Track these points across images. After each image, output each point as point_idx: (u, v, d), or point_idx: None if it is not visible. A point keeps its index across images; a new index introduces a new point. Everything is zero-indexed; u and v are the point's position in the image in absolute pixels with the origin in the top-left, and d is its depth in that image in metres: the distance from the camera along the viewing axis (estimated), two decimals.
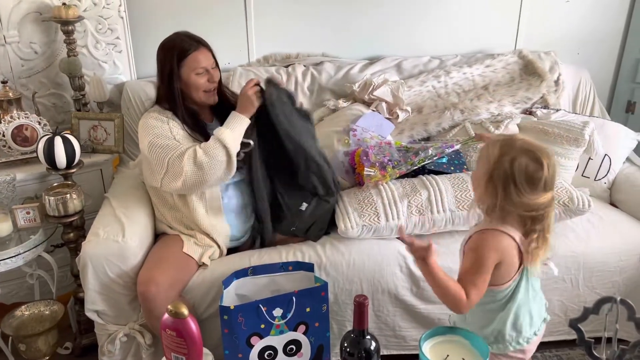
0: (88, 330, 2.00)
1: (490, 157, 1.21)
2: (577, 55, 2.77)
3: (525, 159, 1.18)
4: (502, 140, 1.24)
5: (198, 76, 1.79)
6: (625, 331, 1.51)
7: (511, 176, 1.18)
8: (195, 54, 1.78)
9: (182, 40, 1.80)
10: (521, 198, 1.19)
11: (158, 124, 1.77)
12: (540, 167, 1.19)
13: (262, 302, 1.54)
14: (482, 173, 1.24)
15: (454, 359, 0.94)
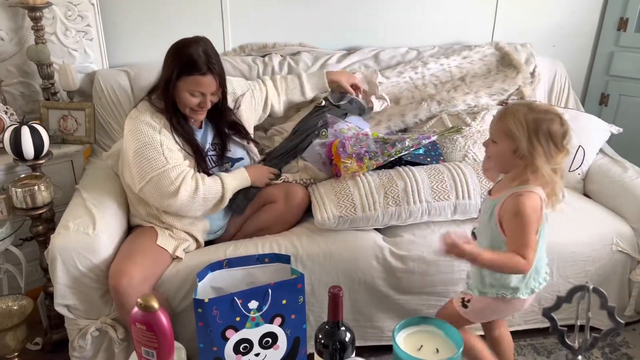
0: (59, 325, 1.95)
1: (522, 128, 1.30)
2: (552, 47, 2.80)
3: (554, 119, 1.31)
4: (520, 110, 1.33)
5: (191, 96, 1.70)
6: (598, 319, 1.53)
7: (551, 137, 1.30)
8: (199, 78, 1.67)
9: (198, 55, 1.66)
10: (556, 154, 1.32)
11: (149, 132, 1.69)
12: (563, 122, 1.33)
13: (237, 295, 1.52)
14: (510, 146, 1.33)
15: (428, 349, 0.94)
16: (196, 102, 1.71)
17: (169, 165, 1.67)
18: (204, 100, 1.72)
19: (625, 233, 2.01)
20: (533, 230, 1.32)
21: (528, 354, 1.99)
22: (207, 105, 1.74)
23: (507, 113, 1.36)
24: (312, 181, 2.02)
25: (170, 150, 1.70)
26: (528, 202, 1.33)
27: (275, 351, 1.60)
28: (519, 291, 1.45)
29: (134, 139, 1.69)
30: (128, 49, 2.38)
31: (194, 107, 1.73)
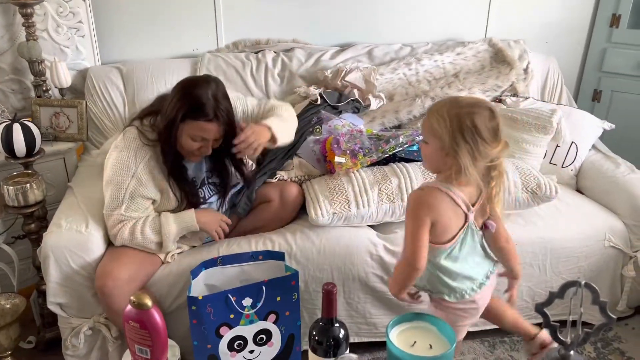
0: (52, 323, 1.94)
1: (445, 125, 1.23)
2: (545, 44, 2.80)
3: (481, 111, 1.23)
4: (444, 106, 1.26)
5: (193, 141, 1.60)
6: (590, 315, 1.54)
7: (477, 132, 1.21)
8: (204, 124, 1.57)
9: (207, 100, 1.55)
10: (488, 149, 1.23)
11: (122, 173, 1.62)
12: (494, 115, 1.24)
13: (231, 292, 1.51)
14: (437, 145, 1.25)
15: (421, 345, 0.94)
16: (196, 147, 1.62)
17: (119, 211, 1.63)
18: (205, 146, 1.62)
19: (617, 229, 2.03)
20: (416, 227, 1.25)
21: (521, 349, 2.00)
22: (207, 152, 1.64)
23: (432, 110, 1.29)
24: (306, 178, 2.02)
25: (132, 198, 1.63)
26: (420, 197, 1.27)
27: (269, 348, 1.60)
28: (444, 292, 1.37)
29: (109, 169, 1.65)
30: (120, 45, 2.36)
31: (194, 152, 1.64)
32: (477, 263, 1.37)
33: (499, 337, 2.04)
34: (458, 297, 1.35)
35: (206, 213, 1.74)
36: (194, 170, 1.76)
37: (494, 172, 1.29)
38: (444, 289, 1.35)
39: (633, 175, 2.15)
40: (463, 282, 1.35)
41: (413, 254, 1.25)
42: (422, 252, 1.25)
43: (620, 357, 1.98)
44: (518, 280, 1.44)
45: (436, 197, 1.27)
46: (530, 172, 1.97)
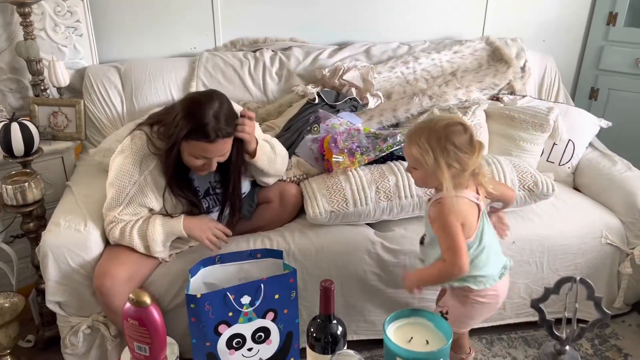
0: (51, 322, 1.95)
1: (427, 154, 1.36)
2: (542, 42, 2.81)
3: (456, 130, 1.35)
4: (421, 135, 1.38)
5: (195, 159, 1.59)
6: (587, 312, 1.55)
7: (457, 149, 1.34)
8: (206, 145, 1.54)
9: (210, 119, 1.51)
10: (472, 160, 1.36)
11: (125, 180, 1.63)
12: (465, 128, 1.37)
13: (229, 290, 1.52)
14: (424, 170, 1.40)
15: (418, 341, 0.95)
16: (199, 164, 1.60)
17: (114, 212, 1.64)
18: (208, 163, 1.60)
19: (614, 226, 2.03)
20: (455, 231, 1.36)
21: (519, 346, 2.01)
22: (211, 168, 1.62)
23: (411, 140, 1.40)
24: (304, 177, 2.03)
25: (129, 203, 1.64)
26: (447, 206, 1.37)
27: (268, 346, 1.60)
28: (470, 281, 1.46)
29: (113, 172, 1.66)
30: (118, 44, 2.37)
31: (198, 169, 1.63)
32: (496, 253, 1.51)
33: (496, 334, 2.05)
34: (485, 284, 1.45)
35: (196, 219, 1.70)
36: (198, 180, 1.74)
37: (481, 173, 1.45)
38: (469, 278, 1.45)
39: (630, 172, 2.16)
40: (487, 270, 1.46)
41: (460, 258, 1.36)
42: (466, 256, 1.37)
43: (617, 353, 1.99)
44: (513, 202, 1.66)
45: (457, 202, 1.38)
46: (527, 169, 1.97)
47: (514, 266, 1.94)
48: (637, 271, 2.05)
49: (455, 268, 1.36)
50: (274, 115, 2.30)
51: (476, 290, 1.46)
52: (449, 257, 1.37)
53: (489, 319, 2.01)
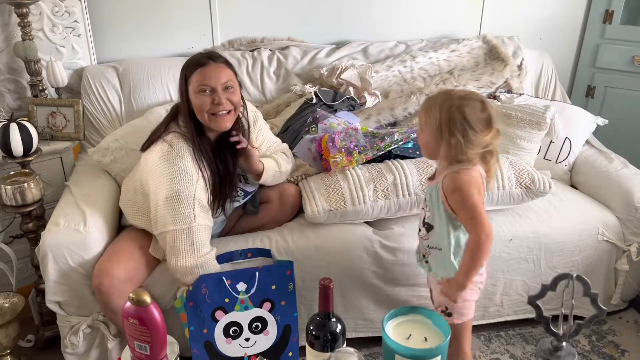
0: (51, 322, 1.95)
1: (437, 117, 1.33)
2: (539, 40, 2.82)
3: (471, 103, 1.32)
4: (437, 98, 1.36)
5: (202, 95, 1.57)
6: (584, 308, 1.56)
7: (467, 123, 1.31)
8: (202, 70, 1.57)
9: (200, 55, 1.62)
10: (480, 138, 1.33)
11: (187, 179, 1.56)
12: (485, 106, 1.34)
13: (225, 275, 1.53)
14: (432, 136, 1.36)
15: (416, 338, 0.96)
16: (209, 101, 1.57)
17: (194, 223, 1.57)
18: (216, 97, 1.57)
19: (610, 223, 2.05)
20: (476, 198, 1.34)
21: (517, 343, 2.02)
22: (220, 101, 1.57)
23: (426, 103, 1.39)
24: (303, 177, 2.04)
25: (198, 202, 1.59)
26: (464, 176, 1.35)
27: (265, 337, 1.61)
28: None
29: (167, 181, 1.57)
30: (116, 45, 2.37)
31: (211, 109, 1.59)
32: None
33: (494, 331, 2.07)
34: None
35: None
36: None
37: (491, 157, 1.40)
38: None
39: (626, 170, 2.18)
40: None
41: (486, 225, 1.32)
42: (488, 221, 1.34)
43: (614, 349, 2.00)
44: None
45: (476, 175, 1.37)
46: (524, 167, 1.98)
47: (511, 263, 1.96)
48: (633, 268, 2.06)
49: (484, 235, 1.33)
50: (272, 114, 2.30)
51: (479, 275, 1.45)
52: (476, 226, 1.33)
53: (487, 315, 2.03)
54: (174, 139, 1.62)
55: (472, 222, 1.33)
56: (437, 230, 1.45)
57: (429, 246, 1.49)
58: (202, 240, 1.59)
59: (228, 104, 1.61)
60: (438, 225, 1.45)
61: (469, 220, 1.34)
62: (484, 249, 1.35)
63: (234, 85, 1.63)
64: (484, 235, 1.32)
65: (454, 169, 1.37)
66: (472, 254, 1.36)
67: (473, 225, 1.33)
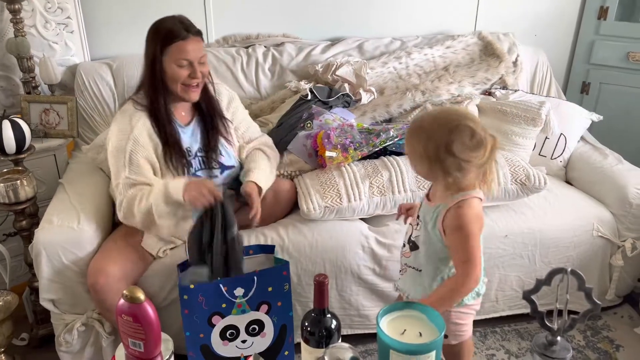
0: (45, 320, 1.94)
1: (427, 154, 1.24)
2: (534, 37, 2.82)
3: (458, 137, 1.22)
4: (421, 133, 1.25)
5: (179, 68, 1.64)
6: (579, 304, 1.56)
7: (458, 158, 1.22)
8: (182, 43, 1.62)
9: (174, 24, 1.64)
10: (476, 161, 1.23)
11: (121, 137, 1.65)
12: (474, 132, 1.22)
13: (222, 282, 1.52)
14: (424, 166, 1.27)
15: (411, 333, 0.95)
16: (186, 74, 1.65)
17: (124, 174, 1.63)
18: (193, 70, 1.65)
19: (605, 219, 2.05)
20: (476, 243, 1.27)
21: (512, 339, 2.02)
22: (197, 75, 1.66)
23: (414, 133, 1.28)
24: (297, 173, 2.03)
25: (131, 160, 1.63)
26: (469, 213, 1.27)
27: (262, 339, 1.61)
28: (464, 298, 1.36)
29: (110, 141, 1.68)
30: (110, 41, 2.36)
31: (185, 81, 1.66)
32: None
33: (490, 327, 2.07)
34: (480, 293, 1.39)
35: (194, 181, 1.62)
36: (189, 139, 1.76)
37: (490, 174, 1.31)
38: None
39: (620, 166, 2.18)
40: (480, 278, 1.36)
41: (477, 270, 1.26)
42: (480, 267, 1.28)
43: (609, 345, 2.01)
44: None
45: (478, 207, 1.29)
46: (520, 163, 1.99)
47: (506, 259, 1.96)
48: (628, 263, 2.07)
49: (473, 281, 1.26)
50: (267, 111, 2.30)
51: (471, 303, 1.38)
52: (468, 270, 1.26)
53: (482, 311, 2.03)
54: (124, 105, 1.74)
55: (464, 265, 1.27)
56: (423, 254, 1.36)
57: (408, 264, 1.41)
58: (134, 194, 1.61)
59: (201, 77, 1.69)
60: (424, 250, 1.36)
61: (462, 262, 1.27)
62: (466, 291, 1.29)
63: (205, 57, 1.72)
64: (472, 281, 1.27)
65: (456, 200, 1.27)
66: (452, 291, 1.29)
67: (465, 268, 1.27)
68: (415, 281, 1.39)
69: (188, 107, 1.79)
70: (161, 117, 1.69)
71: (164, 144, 1.69)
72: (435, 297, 1.29)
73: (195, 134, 1.78)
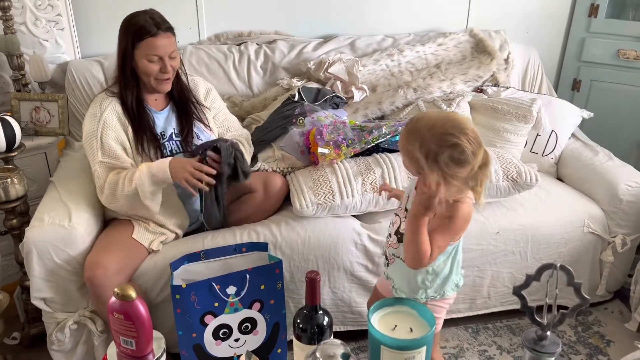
0: (36, 319, 1.93)
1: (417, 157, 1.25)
2: (526, 34, 2.83)
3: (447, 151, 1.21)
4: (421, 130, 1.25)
5: (150, 63, 1.69)
6: (569, 298, 1.58)
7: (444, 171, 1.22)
8: (152, 40, 1.67)
9: (145, 21, 1.69)
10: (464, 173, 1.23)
11: (92, 121, 1.71)
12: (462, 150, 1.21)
13: (215, 280, 1.52)
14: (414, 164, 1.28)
15: (402, 329, 0.96)
16: (157, 69, 1.71)
17: (98, 158, 1.69)
18: (163, 65, 1.71)
19: (596, 215, 2.07)
20: (451, 237, 1.31)
21: (504, 335, 2.04)
22: (167, 70, 1.71)
23: (409, 135, 1.29)
24: (290, 170, 2.03)
25: (102, 144, 1.69)
26: (464, 210, 1.29)
27: (255, 336, 1.61)
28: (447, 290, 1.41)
29: (83, 128, 1.75)
30: (101, 38, 2.34)
31: (157, 76, 1.72)
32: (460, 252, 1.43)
33: (482, 323, 2.08)
34: (459, 285, 1.42)
35: (178, 160, 1.68)
36: (163, 123, 1.81)
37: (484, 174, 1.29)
38: (450, 284, 1.40)
39: (611, 162, 2.20)
40: (459, 270, 1.42)
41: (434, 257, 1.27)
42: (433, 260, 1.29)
43: (600, 340, 2.02)
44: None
45: (472, 208, 1.31)
46: (511, 160, 2.00)
47: (498, 255, 1.98)
48: (618, 259, 2.09)
49: (427, 263, 1.28)
50: (259, 108, 2.29)
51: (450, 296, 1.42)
52: (435, 253, 1.28)
53: (474, 307, 2.04)
54: (102, 93, 1.79)
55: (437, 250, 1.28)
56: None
57: (395, 255, 1.42)
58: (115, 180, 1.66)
59: (172, 70, 1.74)
60: None
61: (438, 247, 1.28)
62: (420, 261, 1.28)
63: (176, 51, 1.76)
64: (426, 259, 1.26)
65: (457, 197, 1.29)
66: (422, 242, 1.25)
67: (432, 248, 1.26)
68: (402, 272, 1.41)
69: (161, 95, 1.84)
70: (131, 103, 1.74)
71: (135, 128, 1.74)
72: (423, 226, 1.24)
73: (170, 119, 1.83)
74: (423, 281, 1.37)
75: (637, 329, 2.05)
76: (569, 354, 1.95)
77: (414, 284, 1.38)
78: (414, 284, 1.37)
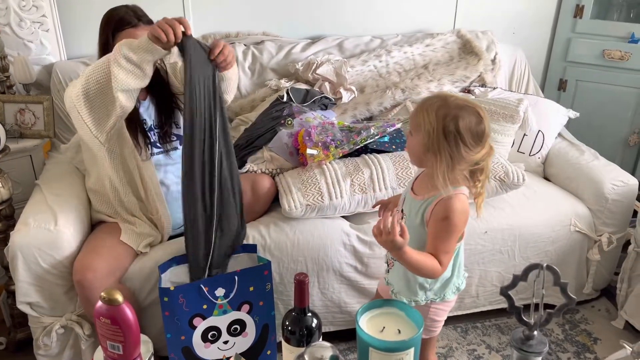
0: (22, 324, 1.91)
1: (430, 123, 1.22)
2: (512, 34, 2.85)
3: (467, 115, 1.21)
4: (434, 104, 1.24)
5: None
6: (555, 297, 1.59)
7: (460, 136, 1.21)
8: (132, 30, 1.68)
9: (126, 12, 1.71)
10: (470, 154, 1.22)
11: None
12: (481, 120, 1.23)
13: (203, 283, 1.51)
14: (420, 139, 1.25)
15: (390, 330, 0.96)
16: None
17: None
18: None
19: (582, 214, 2.09)
20: (456, 237, 1.28)
21: (493, 334, 2.05)
22: None
23: (422, 106, 1.27)
24: (278, 171, 2.03)
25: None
26: (458, 206, 1.25)
27: (244, 338, 1.60)
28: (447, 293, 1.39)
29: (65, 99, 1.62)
30: (86, 40, 2.30)
31: None
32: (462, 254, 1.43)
33: (471, 322, 2.09)
34: (460, 289, 1.41)
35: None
36: (144, 113, 1.79)
37: (481, 175, 1.29)
38: (450, 287, 1.39)
39: (597, 161, 2.22)
40: (461, 273, 1.42)
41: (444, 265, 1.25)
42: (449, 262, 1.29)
43: (587, 338, 2.04)
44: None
45: (466, 201, 1.28)
46: (498, 160, 2.01)
47: (486, 255, 1.99)
48: (604, 257, 2.11)
49: (441, 271, 1.25)
50: (247, 109, 2.29)
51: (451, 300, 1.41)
52: (445, 262, 1.25)
53: (462, 307, 2.05)
54: None
55: (446, 256, 1.25)
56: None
57: (394, 259, 1.38)
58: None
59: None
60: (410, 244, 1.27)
61: (443, 252, 1.25)
62: (431, 277, 1.28)
63: None
64: (439, 271, 1.25)
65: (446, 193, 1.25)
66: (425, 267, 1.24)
67: (443, 260, 1.25)
68: (400, 275, 1.40)
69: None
70: None
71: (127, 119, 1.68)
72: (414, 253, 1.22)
73: (150, 110, 1.81)
74: (423, 283, 1.37)
75: (624, 327, 2.07)
76: (557, 352, 1.97)
77: (413, 286, 1.37)
78: (414, 286, 1.37)
